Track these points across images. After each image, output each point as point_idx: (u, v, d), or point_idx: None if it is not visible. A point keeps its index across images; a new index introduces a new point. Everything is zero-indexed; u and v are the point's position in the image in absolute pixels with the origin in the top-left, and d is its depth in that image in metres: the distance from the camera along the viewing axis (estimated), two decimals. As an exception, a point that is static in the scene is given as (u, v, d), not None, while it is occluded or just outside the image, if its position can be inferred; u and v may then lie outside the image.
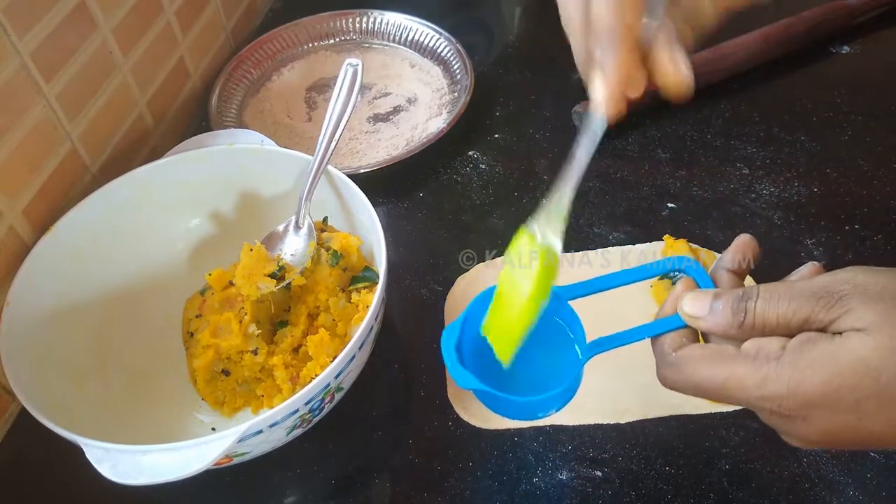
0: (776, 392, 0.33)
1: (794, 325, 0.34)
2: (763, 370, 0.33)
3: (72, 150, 0.59)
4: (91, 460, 0.40)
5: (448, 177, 0.70)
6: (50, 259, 0.52)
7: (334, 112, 0.57)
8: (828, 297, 0.33)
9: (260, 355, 0.52)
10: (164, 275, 0.59)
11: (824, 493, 0.47)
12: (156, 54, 0.69)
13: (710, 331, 0.37)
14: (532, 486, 0.49)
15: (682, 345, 0.37)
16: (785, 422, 0.34)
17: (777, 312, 0.34)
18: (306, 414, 0.46)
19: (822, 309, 0.33)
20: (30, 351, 0.48)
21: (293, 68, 0.82)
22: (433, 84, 0.79)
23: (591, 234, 0.64)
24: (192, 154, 0.58)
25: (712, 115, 0.74)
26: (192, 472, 0.40)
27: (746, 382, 0.33)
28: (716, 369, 0.35)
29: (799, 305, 0.33)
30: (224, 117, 0.74)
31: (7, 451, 0.53)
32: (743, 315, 0.35)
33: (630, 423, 0.52)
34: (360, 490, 0.51)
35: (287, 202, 0.58)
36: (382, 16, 0.84)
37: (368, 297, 0.52)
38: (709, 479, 0.49)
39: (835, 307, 0.32)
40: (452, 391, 0.54)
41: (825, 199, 0.65)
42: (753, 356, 0.34)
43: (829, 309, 0.33)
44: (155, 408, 0.53)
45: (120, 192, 0.56)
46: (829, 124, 0.72)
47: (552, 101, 0.76)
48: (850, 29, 0.80)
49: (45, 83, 0.55)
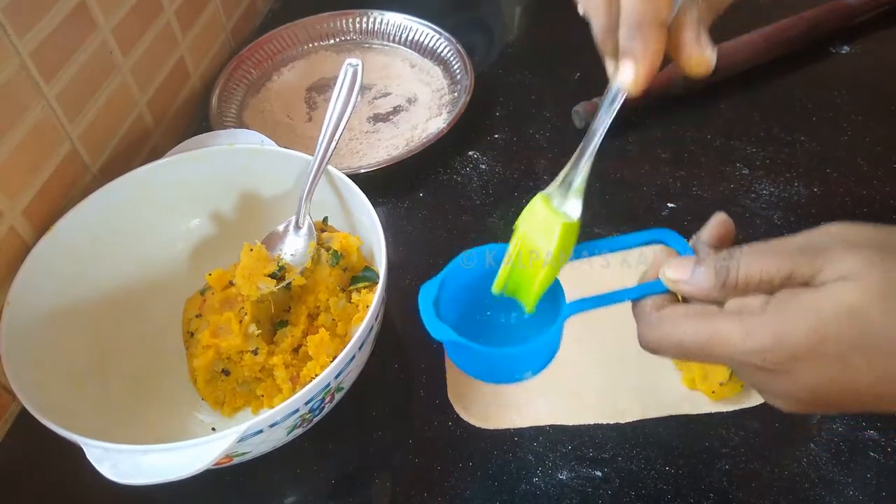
0: (761, 344, 0.32)
1: (776, 283, 0.33)
2: (747, 324, 0.33)
3: (72, 150, 0.59)
4: (91, 460, 0.40)
5: (448, 177, 0.70)
6: (50, 259, 0.52)
7: (334, 112, 0.57)
8: (810, 251, 0.33)
9: (260, 355, 0.52)
10: (164, 275, 0.59)
11: (824, 493, 0.47)
12: (156, 54, 0.69)
13: (692, 294, 0.36)
14: (532, 486, 0.49)
15: (664, 306, 0.37)
16: (770, 378, 0.33)
17: (760, 269, 0.34)
18: (306, 414, 0.46)
19: (805, 262, 0.32)
20: (30, 351, 0.48)
21: (293, 68, 0.82)
22: (433, 84, 0.79)
23: (590, 234, 0.64)
24: (192, 154, 0.58)
25: (712, 115, 0.74)
26: (192, 472, 0.40)
27: (730, 338, 0.33)
28: (699, 326, 0.34)
29: (782, 261, 0.33)
30: (224, 117, 0.74)
31: (7, 451, 0.53)
32: (725, 274, 0.35)
33: (630, 423, 0.52)
34: (360, 490, 0.51)
35: (287, 202, 0.58)
36: (382, 16, 0.84)
37: (368, 297, 0.52)
38: (709, 479, 0.49)
39: (817, 259, 0.32)
40: (452, 391, 0.54)
41: (825, 199, 0.65)
42: (737, 311, 0.34)
43: (811, 262, 0.32)
44: (155, 408, 0.53)
45: (120, 192, 0.56)
46: (829, 124, 0.72)
47: (552, 101, 0.76)
48: (850, 29, 0.80)
49: (45, 83, 0.55)
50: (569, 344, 0.56)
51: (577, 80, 0.79)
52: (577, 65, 0.80)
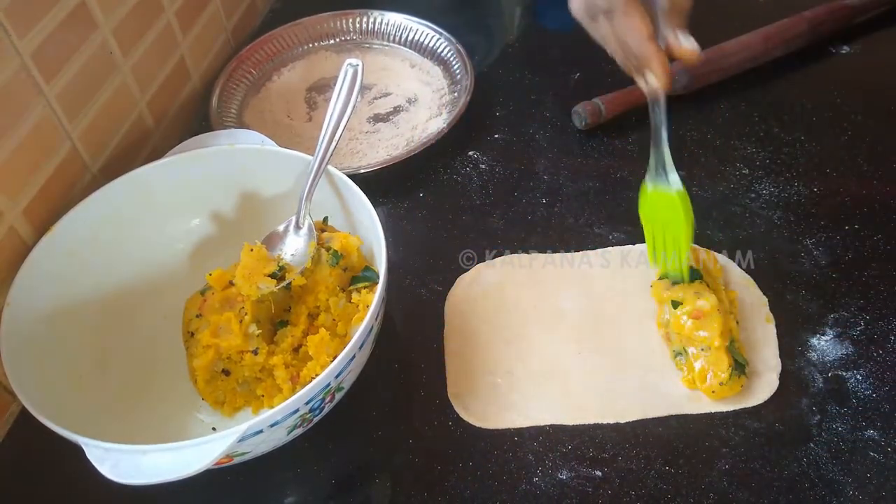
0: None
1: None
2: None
3: (72, 150, 0.59)
4: (91, 460, 0.40)
5: (448, 177, 0.70)
6: (50, 259, 0.52)
7: (334, 112, 0.57)
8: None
9: (260, 355, 0.52)
10: (165, 275, 0.59)
11: (824, 493, 0.48)
12: (156, 54, 0.69)
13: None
14: (532, 486, 0.49)
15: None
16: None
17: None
18: (307, 414, 0.46)
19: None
20: (30, 351, 0.48)
21: (293, 68, 0.82)
22: (433, 84, 0.79)
23: (591, 234, 0.64)
24: (192, 154, 0.58)
25: (712, 115, 0.74)
26: (192, 472, 0.40)
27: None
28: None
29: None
30: (224, 117, 0.74)
31: (7, 451, 0.53)
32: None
33: (630, 422, 0.52)
34: (360, 490, 0.51)
35: (287, 202, 0.58)
36: (382, 16, 0.84)
37: (368, 297, 0.52)
38: (709, 479, 0.49)
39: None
40: (452, 391, 0.54)
41: (825, 199, 0.65)
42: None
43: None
44: (155, 408, 0.53)
45: (120, 192, 0.56)
46: (829, 124, 0.72)
47: (552, 101, 0.76)
48: (850, 29, 0.80)
49: (45, 83, 0.55)
50: (569, 344, 0.56)
51: (577, 80, 0.79)
52: (577, 65, 0.80)
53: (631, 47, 0.51)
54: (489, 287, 0.60)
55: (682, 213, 0.51)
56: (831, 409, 0.51)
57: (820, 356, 0.54)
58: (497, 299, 0.59)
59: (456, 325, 0.58)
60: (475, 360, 0.56)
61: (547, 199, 0.67)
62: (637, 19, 0.50)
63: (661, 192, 0.53)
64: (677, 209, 0.51)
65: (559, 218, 0.66)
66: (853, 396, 0.52)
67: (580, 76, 0.79)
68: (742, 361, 0.52)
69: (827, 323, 0.56)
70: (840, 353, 0.54)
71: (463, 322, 0.58)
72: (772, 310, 0.57)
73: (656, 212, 0.54)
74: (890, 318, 0.56)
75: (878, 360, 0.54)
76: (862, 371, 0.53)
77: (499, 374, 0.55)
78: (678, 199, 0.51)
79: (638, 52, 0.50)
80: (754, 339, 0.55)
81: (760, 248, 0.61)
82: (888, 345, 0.55)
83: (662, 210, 0.53)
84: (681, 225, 0.52)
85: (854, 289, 0.58)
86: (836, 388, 0.52)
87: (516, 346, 0.56)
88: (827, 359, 0.54)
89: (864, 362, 0.54)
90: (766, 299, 0.58)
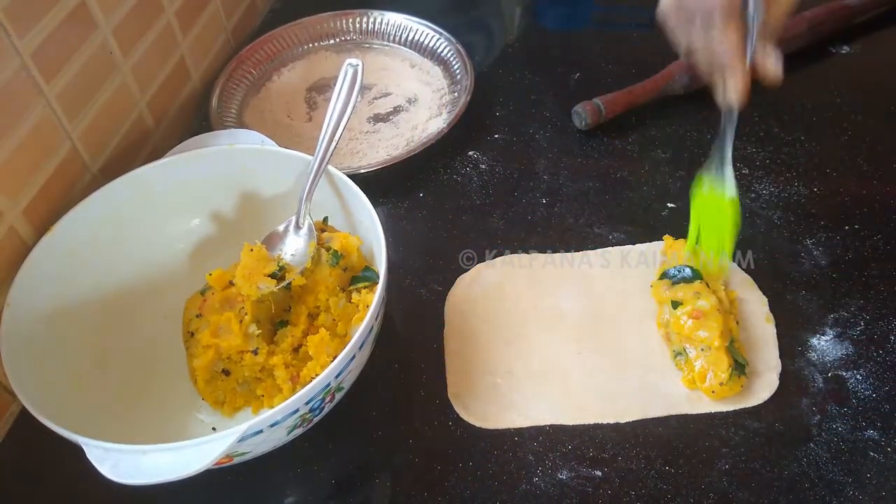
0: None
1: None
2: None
3: (72, 150, 0.59)
4: (91, 460, 0.40)
5: (448, 177, 0.70)
6: (50, 259, 0.52)
7: (334, 112, 0.57)
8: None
9: (260, 355, 0.52)
10: (165, 275, 0.59)
11: (824, 493, 0.48)
12: (156, 54, 0.69)
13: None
14: (532, 485, 0.49)
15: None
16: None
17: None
18: (307, 414, 0.46)
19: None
20: (30, 351, 0.48)
21: (293, 68, 0.82)
22: (433, 84, 0.79)
23: (591, 234, 0.64)
24: (192, 154, 0.58)
25: (712, 115, 0.73)
26: (192, 472, 0.40)
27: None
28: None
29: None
30: (224, 117, 0.74)
31: (7, 451, 0.53)
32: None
33: (630, 422, 0.52)
34: (360, 490, 0.51)
35: (287, 202, 0.58)
36: (382, 16, 0.84)
37: (368, 297, 0.52)
38: (709, 479, 0.49)
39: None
40: (452, 391, 0.54)
41: (825, 199, 0.65)
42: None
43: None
44: (155, 408, 0.53)
45: (120, 192, 0.56)
46: (829, 124, 0.72)
47: (552, 101, 0.76)
48: (850, 29, 0.80)
49: (45, 83, 0.55)
50: (569, 344, 0.56)
51: (577, 80, 0.79)
52: (577, 65, 0.80)
53: (721, 58, 0.52)
54: (489, 287, 0.60)
55: (731, 219, 0.55)
56: (831, 409, 0.51)
57: (820, 356, 0.54)
58: (497, 299, 0.59)
59: (456, 325, 0.58)
60: (475, 360, 0.56)
61: (547, 199, 0.67)
62: (734, 35, 0.51)
63: (715, 196, 0.55)
64: (727, 215, 0.55)
65: (559, 218, 0.66)
66: (853, 396, 0.52)
67: (580, 76, 0.79)
68: (742, 361, 0.52)
69: (827, 323, 0.56)
70: (840, 353, 0.54)
71: (463, 322, 0.58)
72: (772, 310, 0.57)
73: (706, 210, 0.57)
74: (890, 318, 0.56)
75: (878, 360, 0.54)
76: (862, 371, 0.53)
77: (499, 374, 0.55)
78: (730, 205, 0.55)
79: (727, 64, 0.52)
80: (754, 339, 0.55)
81: (760, 248, 0.61)
82: (888, 345, 0.55)
83: (713, 211, 0.56)
84: (727, 229, 0.55)
85: (854, 289, 0.58)
86: (836, 388, 0.52)
87: (516, 346, 0.57)
88: (827, 359, 0.54)
89: (864, 362, 0.54)
90: (766, 299, 0.58)
